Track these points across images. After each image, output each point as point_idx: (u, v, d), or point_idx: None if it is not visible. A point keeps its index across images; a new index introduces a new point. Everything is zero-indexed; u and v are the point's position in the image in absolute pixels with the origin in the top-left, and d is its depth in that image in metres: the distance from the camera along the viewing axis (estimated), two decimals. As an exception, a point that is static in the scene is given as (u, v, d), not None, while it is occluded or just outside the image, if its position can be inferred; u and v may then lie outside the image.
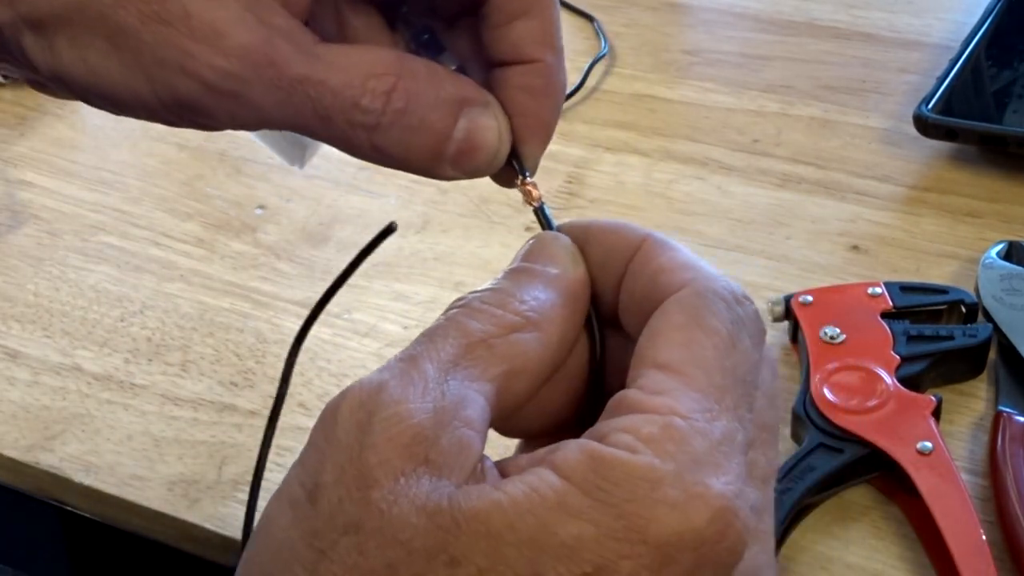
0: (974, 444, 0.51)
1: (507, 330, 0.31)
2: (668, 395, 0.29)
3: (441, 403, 0.29)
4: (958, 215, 0.64)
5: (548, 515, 0.27)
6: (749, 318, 0.32)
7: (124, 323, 0.61)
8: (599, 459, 0.28)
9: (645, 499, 0.28)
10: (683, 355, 0.30)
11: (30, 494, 0.55)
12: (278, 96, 0.32)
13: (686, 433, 0.29)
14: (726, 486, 0.28)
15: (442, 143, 0.33)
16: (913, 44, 0.79)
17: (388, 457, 0.28)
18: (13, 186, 0.72)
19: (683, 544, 0.28)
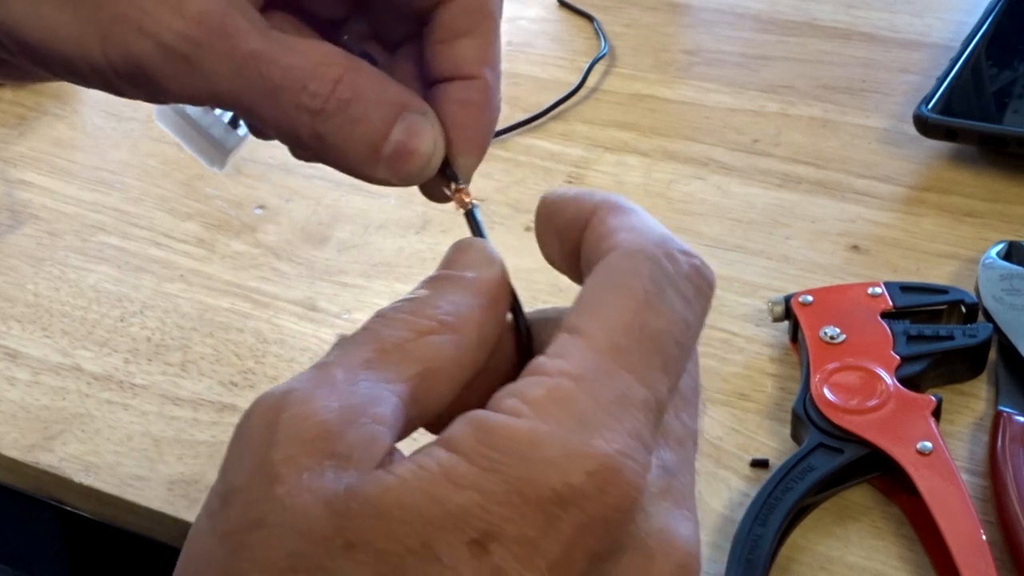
0: (974, 444, 0.51)
1: (421, 334, 0.32)
2: (565, 357, 0.29)
3: (348, 401, 0.30)
4: (958, 215, 0.64)
5: (435, 488, 0.28)
6: (682, 275, 0.31)
7: (124, 323, 0.61)
8: (483, 427, 0.28)
9: (526, 460, 0.28)
10: (590, 317, 0.30)
11: (30, 494, 0.55)
12: (230, 67, 0.33)
13: (571, 394, 0.29)
14: (610, 443, 0.28)
15: (380, 141, 0.34)
16: (913, 44, 0.79)
17: (292, 454, 0.29)
18: (13, 186, 0.72)
19: (563, 501, 0.28)
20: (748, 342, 0.57)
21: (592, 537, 0.28)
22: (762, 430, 0.52)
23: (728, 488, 0.50)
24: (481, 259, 0.34)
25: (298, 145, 0.35)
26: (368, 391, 0.30)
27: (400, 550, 0.27)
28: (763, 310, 0.58)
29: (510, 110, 0.75)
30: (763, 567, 0.44)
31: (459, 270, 0.34)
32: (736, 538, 0.45)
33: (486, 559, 0.27)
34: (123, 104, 0.79)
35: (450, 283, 0.34)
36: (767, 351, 0.56)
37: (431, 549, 0.27)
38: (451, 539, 0.27)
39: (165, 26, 0.32)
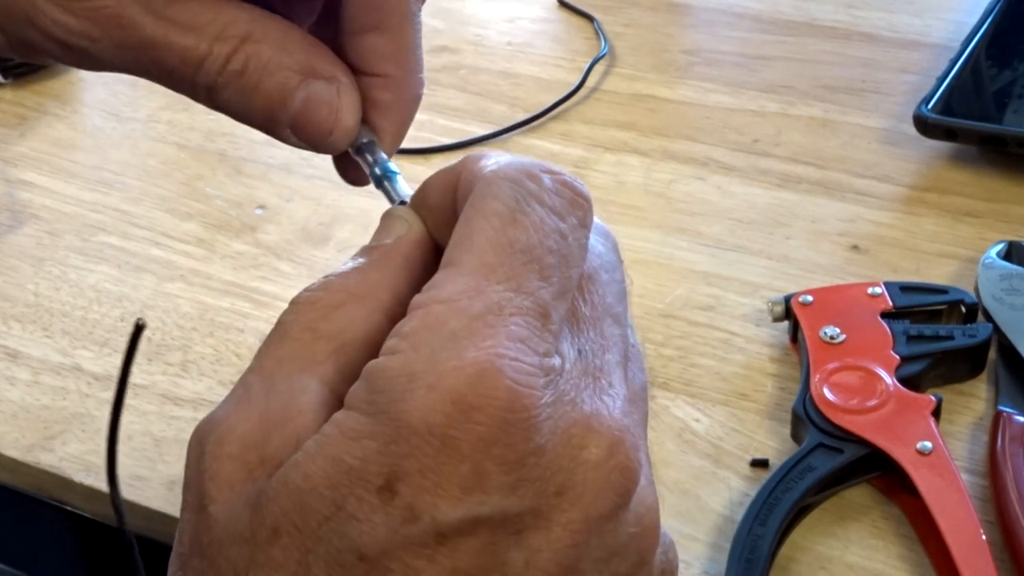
0: (974, 444, 0.51)
1: (327, 311, 0.31)
2: (435, 288, 0.29)
3: (268, 406, 0.30)
4: (958, 215, 0.64)
5: (334, 449, 0.28)
6: (548, 189, 0.31)
7: (124, 323, 0.61)
8: (368, 375, 0.28)
9: (405, 392, 0.27)
10: (459, 245, 0.30)
11: (30, 494, 0.55)
12: (125, 54, 0.33)
13: (441, 316, 0.28)
14: (484, 350, 0.28)
15: (277, 109, 0.34)
16: (913, 44, 0.79)
17: (216, 472, 0.29)
18: (13, 186, 0.72)
19: (451, 421, 0.27)
20: (748, 342, 0.57)
21: (496, 446, 0.27)
22: (762, 430, 0.52)
23: (728, 488, 0.50)
24: (398, 224, 0.34)
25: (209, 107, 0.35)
26: (284, 388, 0.30)
27: (316, 519, 0.27)
28: (763, 310, 0.58)
29: (510, 110, 0.76)
30: (763, 567, 0.44)
31: (380, 240, 0.34)
32: (736, 538, 0.45)
33: (396, 501, 0.27)
34: (123, 104, 0.79)
35: (361, 255, 0.33)
36: (767, 351, 0.56)
37: (343, 509, 0.27)
38: (358, 493, 0.27)
39: (54, 22, 0.32)
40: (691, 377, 0.55)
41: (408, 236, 0.33)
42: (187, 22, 0.33)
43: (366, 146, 0.36)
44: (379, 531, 0.27)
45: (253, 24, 0.33)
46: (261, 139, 0.75)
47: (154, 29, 0.32)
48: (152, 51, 0.33)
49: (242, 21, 0.33)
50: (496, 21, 0.85)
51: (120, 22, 0.32)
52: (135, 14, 0.32)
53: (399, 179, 0.36)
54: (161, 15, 0.32)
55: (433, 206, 0.34)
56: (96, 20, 0.32)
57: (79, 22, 0.32)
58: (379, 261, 0.33)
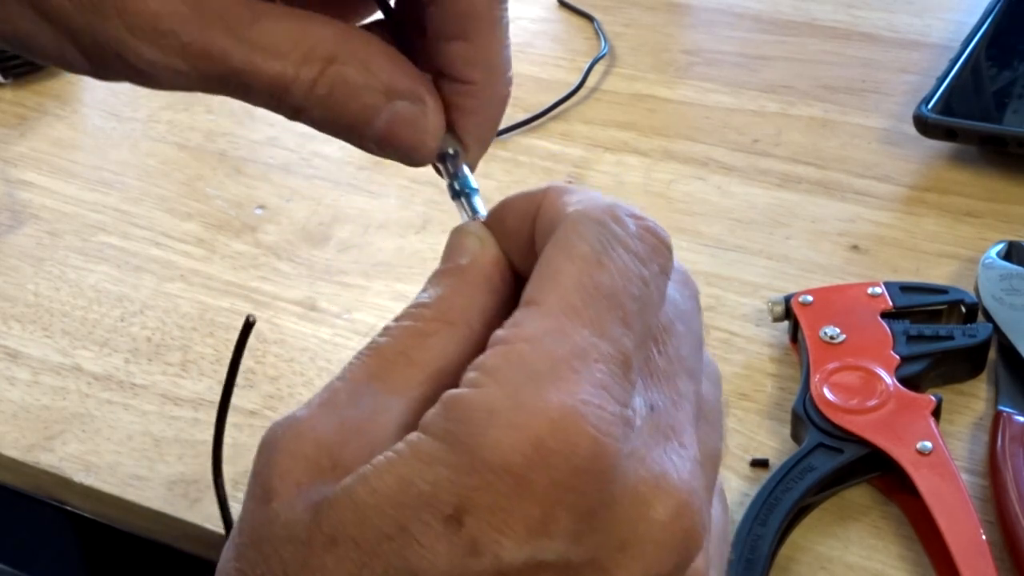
0: (974, 444, 0.51)
1: (421, 338, 0.32)
2: (520, 325, 0.29)
3: (350, 415, 0.30)
4: (958, 215, 0.64)
5: (405, 470, 0.28)
6: (632, 234, 0.31)
7: (124, 323, 0.61)
8: (448, 403, 0.28)
9: (484, 427, 0.27)
10: (543, 285, 0.30)
11: (30, 494, 0.55)
12: (212, 84, 0.33)
13: (526, 355, 0.28)
14: (569, 395, 0.28)
15: (362, 127, 0.34)
16: (913, 44, 0.79)
17: (287, 469, 0.29)
18: (13, 186, 0.72)
19: (529, 462, 0.27)
20: (748, 342, 0.57)
21: (570, 493, 0.27)
22: (762, 430, 0.52)
23: (728, 488, 0.50)
24: (472, 243, 0.34)
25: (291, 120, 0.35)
26: (371, 403, 0.30)
27: (377, 536, 0.27)
28: (763, 310, 0.58)
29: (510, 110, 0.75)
30: (763, 567, 0.44)
31: (454, 260, 0.34)
32: (736, 538, 0.45)
33: (462, 533, 0.27)
34: (123, 104, 0.79)
35: (445, 276, 0.33)
36: (767, 351, 0.56)
37: (407, 531, 0.27)
38: (425, 518, 0.27)
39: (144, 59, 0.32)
40: (691, 377, 0.55)
41: (484, 256, 0.33)
42: (272, 46, 0.32)
43: (449, 157, 0.36)
44: (440, 560, 0.27)
45: (338, 44, 0.33)
46: (261, 139, 0.75)
47: (241, 58, 0.32)
48: (239, 78, 0.32)
49: (328, 41, 0.33)
50: (496, 21, 0.85)
51: (208, 54, 0.32)
52: (223, 44, 0.32)
53: (477, 197, 0.36)
54: (245, 38, 0.32)
55: (510, 229, 0.34)
56: (184, 55, 0.32)
57: (167, 57, 0.32)
58: (464, 285, 0.33)
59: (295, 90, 0.33)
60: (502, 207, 0.34)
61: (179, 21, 0.31)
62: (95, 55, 0.32)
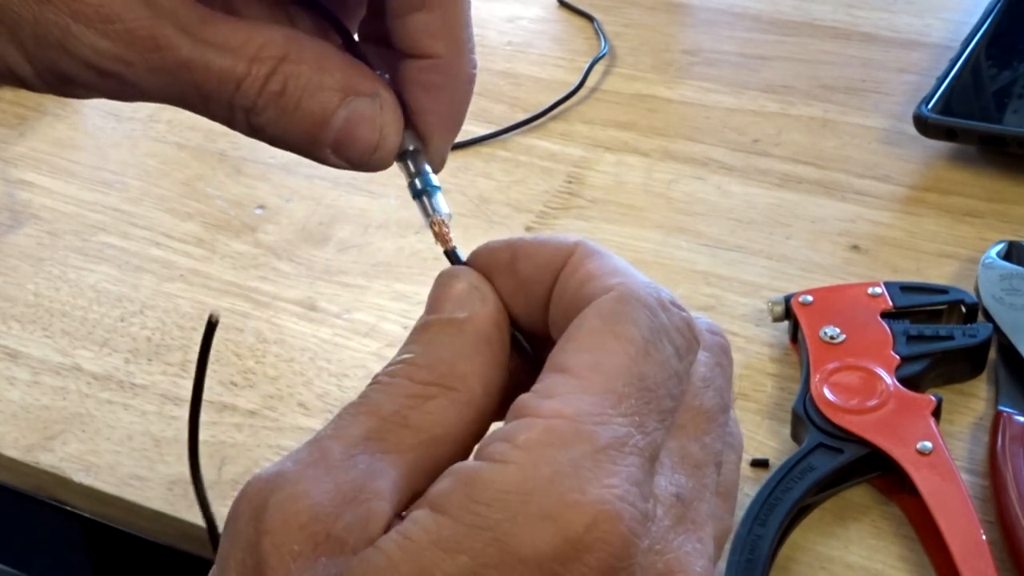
0: (974, 444, 0.51)
1: (419, 401, 0.30)
2: (559, 398, 0.28)
3: (345, 479, 0.28)
4: (958, 215, 0.64)
5: (424, 557, 0.26)
6: (675, 327, 0.31)
7: (124, 323, 0.61)
8: (470, 481, 0.27)
9: (517, 514, 0.26)
10: (587, 359, 0.29)
11: (30, 494, 0.55)
12: (161, 79, 0.32)
13: (566, 435, 0.27)
14: (607, 489, 0.27)
15: (318, 129, 0.33)
16: (913, 44, 0.79)
17: (282, 540, 0.28)
18: (13, 186, 0.72)
19: (560, 556, 0.26)
20: (748, 342, 0.57)
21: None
22: (762, 430, 0.52)
23: (728, 488, 0.50)
24: (470, 296, 0.33)
25: (245, 134, 0.34)
26: (365, 466, 0.29)
27: None
28: (763, 310, 0.58)
29: (510, 110, 0.75)
30: (763, 567, 0.44)
31: (448, 311, 0.32)
32: (736, 538, 0.45)
33: None
34: (123, 104, 0.78)
35: (440, 332, 0.32)
36: (767, 351, 0.56)
37: None
38: None
39: (90, 47, 0.31)
40: (691, 377, 0.55)
41: (486, 313, 0.32)
42: (223, 43, 0.32)
43: (410, 154, 0.35)
44: None
45: (289, 44, 0.33)
46: (261, 139, 0.75)
47: (191, 50, 0.31)
48: (188, 73, 0.32)
49: (278, 41, 0.32)
50: (496, 21, 0.85)
51: (156, 43, 0.31)
52: (171, 35, 0.31)
53: (439, 195, 0.35)
54: (197, 36, 0.31)
55: (524, 277, 0.33)
56: (131, 42, 0.31)
57: (114, 45, 0.31)
58: (463, 347, 0.31)
59: (246, 87, 0.32)
60: (515, 250, 0.33)
61: (124, 7, 0.31)
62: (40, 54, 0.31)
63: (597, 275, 0.31)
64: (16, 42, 0.31)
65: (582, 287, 0.31)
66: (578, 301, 0.31)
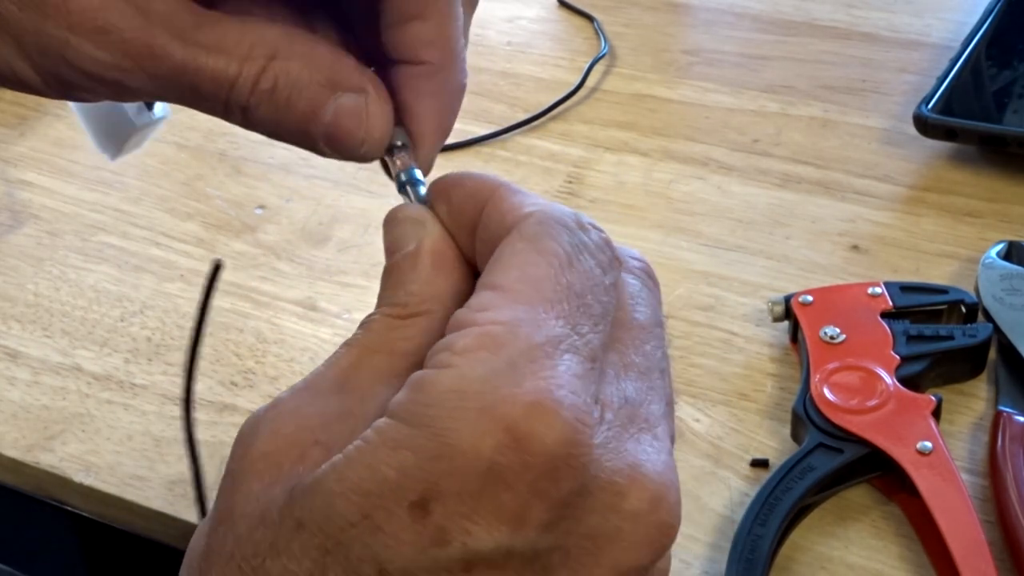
0: (974, 444, 0.51)
1: (400, 331, 0.32)
2: (491, 309, 0.29)
3: (334, 400, 0.30)
4: (958, 215, 0.64)
5: (372, 456, 0.27)
6: (595, 244, 0.32)
7: (124, 323, 0.61)
8: (417, 386, 0.28)
9: (455, 409, 0.27)
10: (515, 274, 0.30)
11: (30, 494, 0.55)
12: (159, 83, 0.33)
13: (501, 338, 0.28)
14: (545, 381, 0.27)
15: (309, 123, 0.34)
16: (913, 44, 0.79)
17: (270, 450, 0.29)
18: (13, 186, 0.72)
19: (501, 448, 0.27)
20: (748, 342, 0.57)
21: (544, 480, 0.27)
22: (762, 430, 0.52)
23: (728, 488, 0.50)
24: (413, 225, 0.35)
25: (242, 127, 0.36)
26: (356, 390, 0.31)
27: (342, 524, 0.27)
28: (763, 310, 0.58)
29: (510, 110, 0.75)
30: (763, 567, 0.44)
31: (400, 248, 0.34)
32: (736, 538, 0.45)
33: (427, 521, 0.27)
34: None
35: (400, 269, 0.34)
36: (767, 351, 0.56)
37: (370, 519, 0.27)
38: (390, 506, 0.27)
39: (88, 57, 0.32)
40: (691, 377, 0.55)
41: (429, 238, 0.34)
42: (215, 45, 0.33)
43: (397, 149, 0.36)
44: (404, 548, 0.27)
45: (279, 42, 0.34)
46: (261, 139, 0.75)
47: (184, 55, 0.33)
48: (184, 76, 0.33)
49: (268, 40, 0.34)
50: (496, 21, 0.85)
51: (151, 51, 0.32)
52: (165, 43, 0.32)
53: (422, 188, 0.36)
54: (190, 40, 0.33)
55: (455, 204, 0.34)
56: (127, 52, 0.32)
57: (111, 55, 0.32)
58: (421, 272, 0.33)
59: (240, 87, 0.33)
60: (447, 182, 0.35)
61: (119, 17, 0.32)
62: (43, 63, 0.33)
63: (518, 206, 0.33)
64: (22, 53, 0.33)
65: (504, 217, 0.33)
66: (501, 230, 0.32)
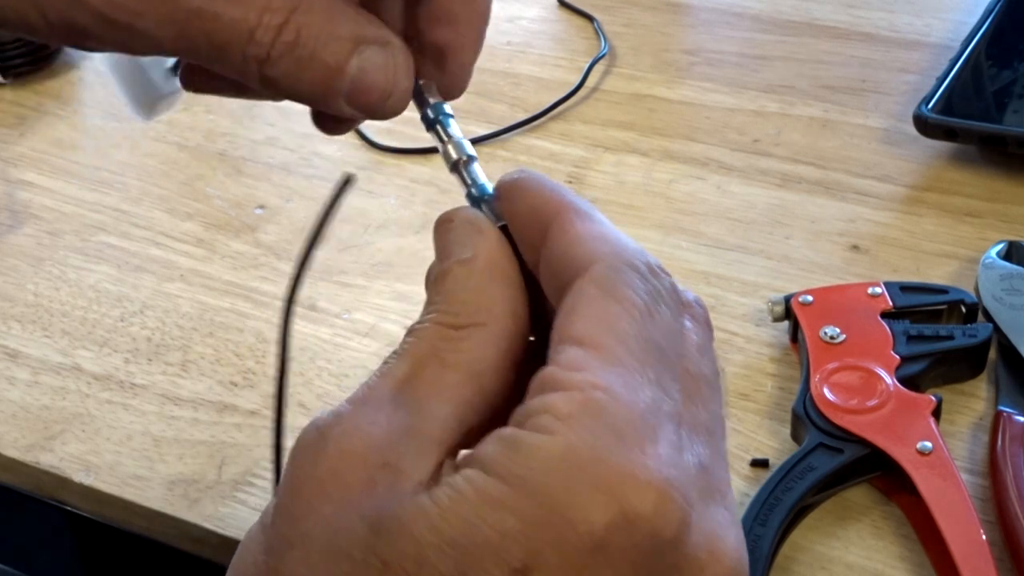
0: (974, 444, 0.51)
1: (452, 343, 0.31)
2: (586, 370, 0.28)
3: (396, 415, 0.29)
4: (958, 215, 0.64)
5: (470, 512, 0.27)
6: (666, 289, 0.31)
7: (124, 323, 0.61)
8: (516, 445, 0.27)
9: (568, 482, 0.26)
10: (599, 328, 0.29)
11: (30, 494, 0.55)
12: (172, 28, 0.32)
13: (606, 406, 0.28)
14: (659, 460, 0.27)
15: (333, 78, 0.33)
16: (913, 44, 0.79)
17: (339, 469, 0.28)
18: (13, 186, 0.72)
19: (611, 526, 0.26)
20: (748, 342, 0.57)
21: (648, 560, 0.27)
22: (762, 430, 0.52)
23: (728, 488, 0.50)
24: (469, 231, 0.34)
25: (255, 88, 0.34)
26: (413, 406, 0.30)
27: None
28: (763, 310, 0.58)
29: (510, 110, 0.75)
30: (763, 567, 0.44)
31: (455, 254, 0.33)
32: (736, 538, 0.45)
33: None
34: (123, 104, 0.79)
35: (454, 276, 0.33)
36: (767, 351, 0.56)
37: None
38: (490, 568, 0.26)
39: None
40: (691, 377, 0.55)
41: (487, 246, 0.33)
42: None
43: (424, 87, 0.36)
44: None
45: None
46: (261, 139, 0.75)
47: (201, 0, 0.31)
48: (200, 23, 0.32)
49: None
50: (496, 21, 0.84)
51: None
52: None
53: (452, 121, 0.36)
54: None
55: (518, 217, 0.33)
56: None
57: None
58: (478, 282, 0.32)
59: (259, 37, 0.32)
60: (514, 186, 0.34)
61: None
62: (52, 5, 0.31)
63: (586, 239, 0.32)
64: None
65: (571, 249, 0.32)
66: (568, 267, 0.32)
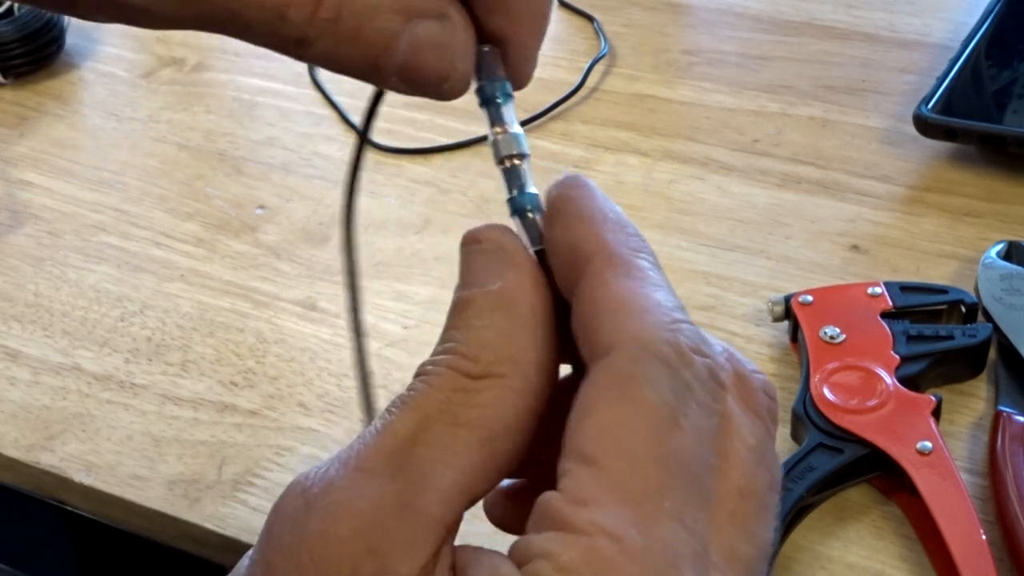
0: (974, 444, 0.51)
1: (468, 395, 0.27)
2: (593, 506, 0.25)
3: (391, 488, 0.26)
4: (958, 215, 0.64)
5: None
6: (699, 380, 0.27)
7: (124, 323, 0.61)
8: None
9: None
10: (609, 444, 0.26)
11: (30, 494, 0.55)
12: (198, 8, 0.29)
13: (612, 560, 0.24)
14: None
15: (380, 56, 0.29)
16: (913, 44, 0.79)
17: (321, 554, 0.26)
18: (13, 186, 0.72)
19: None
20: (748, 342, 0.57)
21: None
22: (762, 430, 0.52)
23: (728, 488, 0.50)
24: (500, 259, 0.29)
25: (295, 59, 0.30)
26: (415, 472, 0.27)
27: None
28: (763, 310, 0.58)
29: (510, 110, 0.75)
30: (763, 567, 0.44)
31: (480, 282, 0.29)
32: (736, 538, 0.45)
33: None
34: (123, 104, 0.79)
35: (477, 310, 0.29)
36: (767, 351, 0.56)
37: None
38: None
39: None
40: (691, 377, 0.55)
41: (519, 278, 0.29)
42: None
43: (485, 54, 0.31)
44: None
45: None
46: (261, 139, 0.75)
47: None
48: (228, 3, 0.28)
49: None
50: (496, 21, 0.85)
51: None
52: None
53: (511, 106, 0.31)
54: None
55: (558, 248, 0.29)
56: None
57: None
58: (503, 324, 0.28)
59: (293, 16, 0.28)
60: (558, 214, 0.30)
61: None
62: None
63: (613, 308, 0.28)
64: None
65: (595, 319, 0.28)
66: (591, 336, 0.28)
